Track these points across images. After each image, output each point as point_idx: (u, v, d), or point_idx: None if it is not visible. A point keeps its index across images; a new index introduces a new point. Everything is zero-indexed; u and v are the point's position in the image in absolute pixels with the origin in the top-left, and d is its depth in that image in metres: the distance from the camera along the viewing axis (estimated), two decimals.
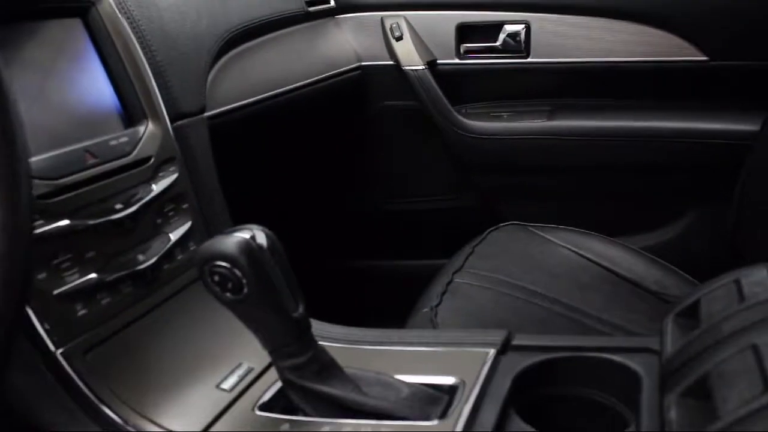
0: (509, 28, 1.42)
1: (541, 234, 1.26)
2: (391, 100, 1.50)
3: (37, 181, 0.64)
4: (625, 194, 1.42)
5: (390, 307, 1.13)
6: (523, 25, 1.41)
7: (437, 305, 0.99)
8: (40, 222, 0.64)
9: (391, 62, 1.46)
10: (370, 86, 1.49)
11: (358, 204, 1.61)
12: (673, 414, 0.54)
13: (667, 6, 1.34)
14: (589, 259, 1.21)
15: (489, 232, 1.26)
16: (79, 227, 0.67)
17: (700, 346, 0.57)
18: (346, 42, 1.47)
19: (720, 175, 1.29)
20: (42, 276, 0.63)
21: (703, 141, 1.32)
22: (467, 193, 1.54)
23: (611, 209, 1.42)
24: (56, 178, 0.66)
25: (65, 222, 0.66)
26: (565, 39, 1.40)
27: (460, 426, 0.61)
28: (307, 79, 1.30)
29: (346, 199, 1.62)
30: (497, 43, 1.43)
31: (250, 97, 1.10)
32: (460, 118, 1.44)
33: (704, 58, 1.33)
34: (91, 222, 0.68)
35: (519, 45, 1.42)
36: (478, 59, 1.45)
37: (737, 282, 0.62)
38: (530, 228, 1.27)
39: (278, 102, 1.20)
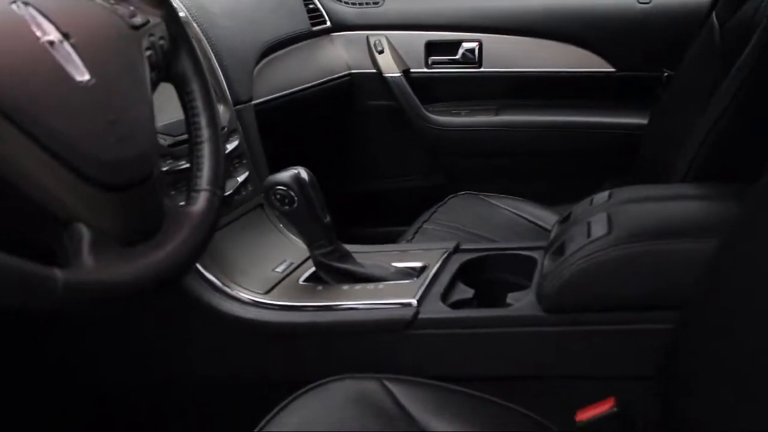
0: (466, 45, 1.82)
1: (489, 200, 1.64)
2: (375, 100, 1.85)
3: (167, 137, 1.03)
4: (554, 172, 1.81)
5: None
6: (477, 43, 1.81)
7: (410, 239, 1.38)
8: (170, 161, 1.02)
9: (375, 71, 1.82)
10: (357, 89, 1.85)
11: (348, 183, 1.95)
12: (544, 264, 0.95)
13: (586, 30, 1.77)
14: (524, 218, 1.60)
15: (449, 198, 1.64)
16: (186, 166, 1.05)
17: (563, 232, 0.98)
18: (339, 55, 1.83)
19: (625, 156, 1.69)
20: (173, 193, 1.01)
21: (611, 131, 1.74)
22: (435, 173, 1.89)
23: (545, 183, 1.81)
24: (175, 135, 1.04)
25: (181, 162, 1.04)
26: (509, 54, 1.81)
27: (425, 283, 1.01)
28: (310, 82, 1.65)
29: (337, 179, 1.96)
30: (457, 56, 1.83)
31: (273, 94, 1.49)
32: (429, 114, 1.82)
33: (612, 69, 1.76)
34: None
35: (473, 58, 1.82)
36: (442, 69, 1.84)
37: (591, 199, 1.03)
38: (481, 196, 1.66)
39: (291, 98, 1.56)
